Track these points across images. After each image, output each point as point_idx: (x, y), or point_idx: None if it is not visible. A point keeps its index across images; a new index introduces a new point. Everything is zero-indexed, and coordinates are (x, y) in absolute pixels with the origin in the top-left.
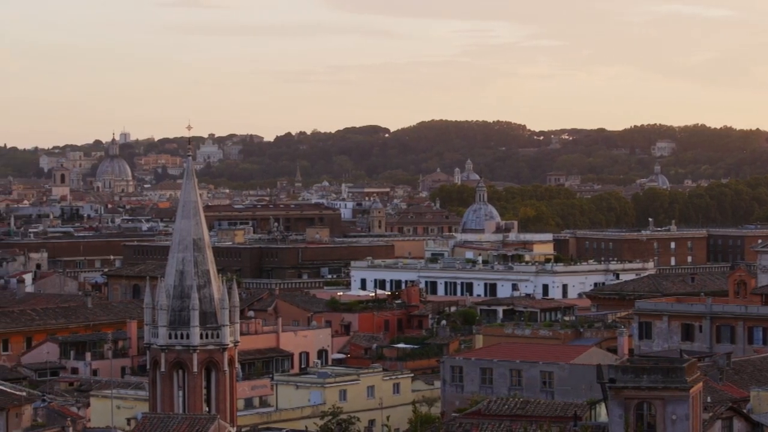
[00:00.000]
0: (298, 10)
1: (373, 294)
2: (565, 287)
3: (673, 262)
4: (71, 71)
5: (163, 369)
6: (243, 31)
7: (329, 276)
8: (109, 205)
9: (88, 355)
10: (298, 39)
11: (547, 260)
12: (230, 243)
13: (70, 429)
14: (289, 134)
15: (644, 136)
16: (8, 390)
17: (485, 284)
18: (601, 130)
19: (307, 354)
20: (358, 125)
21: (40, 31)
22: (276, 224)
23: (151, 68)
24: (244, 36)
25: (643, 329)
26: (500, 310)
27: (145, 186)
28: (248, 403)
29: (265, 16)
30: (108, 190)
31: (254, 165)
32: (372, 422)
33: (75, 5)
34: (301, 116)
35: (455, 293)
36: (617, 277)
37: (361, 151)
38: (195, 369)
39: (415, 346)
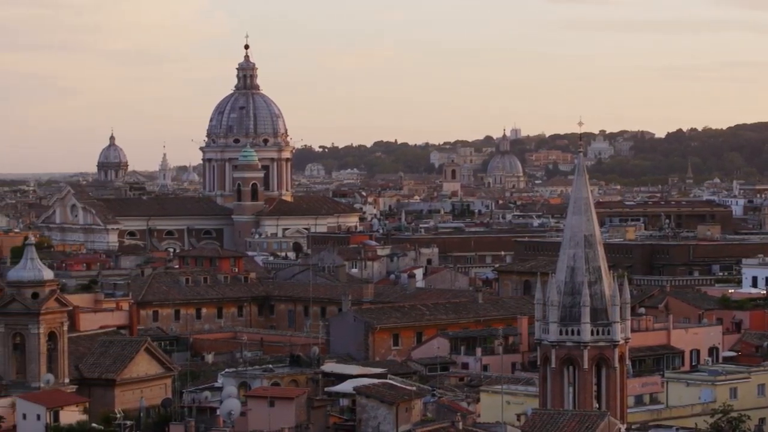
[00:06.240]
0: (686, 6)
1: (765, 292)
2: None
3: None
4: (462, 68)
5: (553, 365)
6: (632, 27)
7: (720, 273)
8: (500, 201)
9: (478, 351)
10: (687, 35)
11: None
12: (621, 239)
13: (460, 424)
14: (680, 131)
15: None
16: (398, 385)
17: None
18: None
19: (698, 351)
20: (749, 122)
21: (431, 29)
22: (667, 221)
23: (541, 64)
24: (633, 32)
25: None
26: None
27: (536, 182)
28: (638, 400)
29: (653, 11)
30: (499, 186)
31: (645, 161)
32: (762, 421)
33: (466, 3)
34: (692, 112)
35: None
36: None
37: (752, 148)
38: (585, 365)
39: None
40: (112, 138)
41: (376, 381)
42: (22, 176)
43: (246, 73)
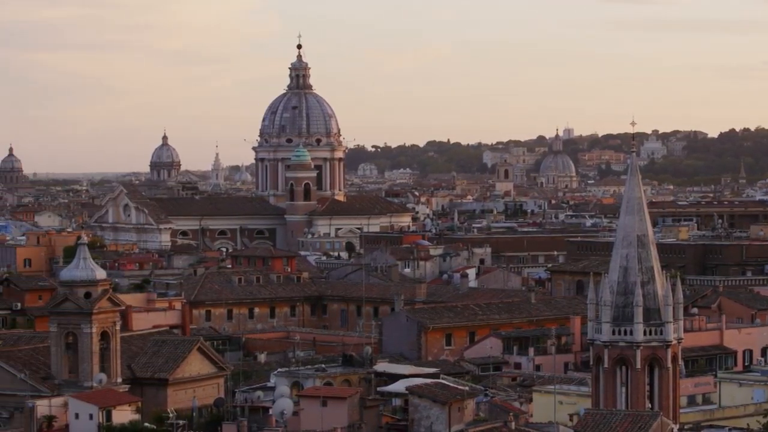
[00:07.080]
0: (739, 6)
1: None
2: None
3: None
4: (515, 67)
5: (605, 365)
6: (684, 26)
7: None
8: (553, 201)
9: (530, 351)
10: (740, 34)
11: None
12: (674, 239)
13: (513, 424)
14: (732, 130)
15: None
16: (451, 384)
17: None
18: None
19: (751, 351)
20: None
21: (484, 28)
22: (720, 221)
23: (594, 64)
24: (685, 31)
25: None
26: None
27: (589, 182)
28: (691, 401)
29: (706, 11)
30: (551, 186)
31: (698, 161)
32: None
33: (519, 3)
34: (745, 112)
35: None
36: None
37: None
38: (638, 366)
39: None
40: (164, 138)
41: (428, 381)
42: (75, 176)
43: (299, 73)
